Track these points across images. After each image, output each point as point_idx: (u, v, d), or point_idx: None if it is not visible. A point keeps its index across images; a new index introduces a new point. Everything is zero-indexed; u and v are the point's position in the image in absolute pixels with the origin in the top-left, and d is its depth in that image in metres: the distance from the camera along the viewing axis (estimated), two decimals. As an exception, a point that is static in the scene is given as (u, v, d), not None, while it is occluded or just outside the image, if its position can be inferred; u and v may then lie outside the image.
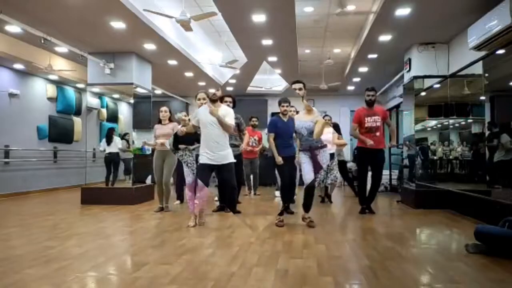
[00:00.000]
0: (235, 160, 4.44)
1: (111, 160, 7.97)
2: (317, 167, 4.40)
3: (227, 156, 4.32)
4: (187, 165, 4.91)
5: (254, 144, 7.32)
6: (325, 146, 4.54)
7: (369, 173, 5.47)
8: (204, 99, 4.69)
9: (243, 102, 10.00)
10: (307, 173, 4.38)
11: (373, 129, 5.20)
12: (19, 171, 7.80)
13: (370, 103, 5.27)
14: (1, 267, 2.81)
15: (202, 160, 4.30)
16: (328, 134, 6.09)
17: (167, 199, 5.56)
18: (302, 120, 4.53)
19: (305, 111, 4.59)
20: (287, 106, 4.56)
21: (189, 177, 4.82)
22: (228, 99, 5.33)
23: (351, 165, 10.38)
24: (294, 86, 4.68)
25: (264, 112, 11.79)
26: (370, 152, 5.23)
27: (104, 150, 8.03)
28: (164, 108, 5.65)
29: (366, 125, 5.22)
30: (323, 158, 4.45)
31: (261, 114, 10.93)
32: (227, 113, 4.34)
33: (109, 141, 7.99)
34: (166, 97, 11.18)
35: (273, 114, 11.04)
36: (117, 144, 8.10)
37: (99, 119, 9.79)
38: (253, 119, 7.52)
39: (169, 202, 5.65)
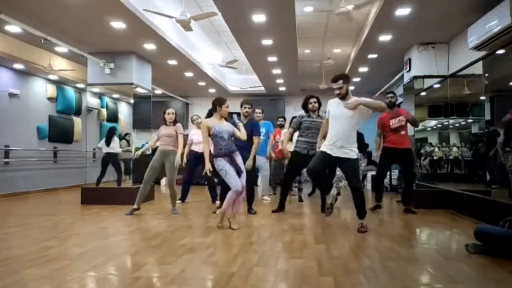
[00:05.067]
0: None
1: (108, 161, 7.87)
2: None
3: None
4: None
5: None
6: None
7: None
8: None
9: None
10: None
11: (399, 128, 5.46)
12: (19, 171, 7.80)
13: (390, 105, 5.49)
14: (1, 267, 2.81)
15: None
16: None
17: (174, 201, 5.49)
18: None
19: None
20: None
21: (239, 181, 4.23)
22: (313, 99, 5.38)
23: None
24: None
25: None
26: (396, 151, 5.42)
27: (101, 149, 7.99)
28: (171, 110, 5.46)
29: (392, 127, 5.46)
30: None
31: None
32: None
33: (108, 142, 7.92)
34: (166, 97, 11.18)
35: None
36: (117, 144, 8.05)
37: (99, 119, 9.79)
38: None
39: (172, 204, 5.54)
